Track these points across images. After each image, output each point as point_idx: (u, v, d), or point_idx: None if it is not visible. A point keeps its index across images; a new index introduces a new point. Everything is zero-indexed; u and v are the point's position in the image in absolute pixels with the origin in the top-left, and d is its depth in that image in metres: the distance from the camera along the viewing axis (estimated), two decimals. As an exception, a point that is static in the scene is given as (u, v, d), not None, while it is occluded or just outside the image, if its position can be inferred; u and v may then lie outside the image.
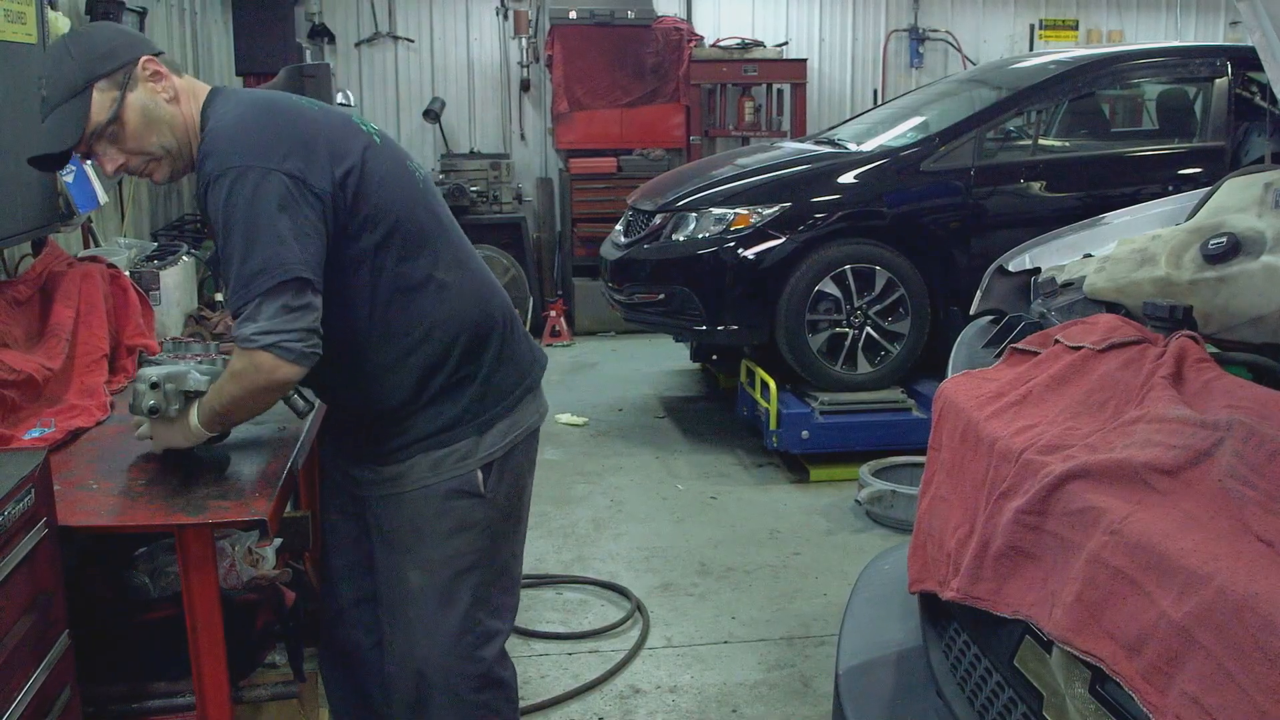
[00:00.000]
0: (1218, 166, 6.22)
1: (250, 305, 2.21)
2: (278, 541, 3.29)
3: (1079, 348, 2.16)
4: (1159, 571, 1.51)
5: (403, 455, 2.52)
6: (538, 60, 10.44)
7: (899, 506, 5.32)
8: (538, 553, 5.09)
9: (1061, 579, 1.70)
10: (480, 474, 2.54)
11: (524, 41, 10.38)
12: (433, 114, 10.09)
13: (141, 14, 5.36)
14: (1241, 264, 2.33)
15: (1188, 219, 2.66)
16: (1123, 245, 2.59)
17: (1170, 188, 5.90)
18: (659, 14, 10.35)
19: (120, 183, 5.08)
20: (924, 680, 2.23)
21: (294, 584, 3.29)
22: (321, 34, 9.91)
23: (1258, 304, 2.28)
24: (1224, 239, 2.37)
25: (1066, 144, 7.13)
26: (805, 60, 10.80)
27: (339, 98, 7.46)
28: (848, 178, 6.38)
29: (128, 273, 3.57)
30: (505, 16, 10.38)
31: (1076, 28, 11.95)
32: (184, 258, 3.97)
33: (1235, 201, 2.52)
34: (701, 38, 10.48)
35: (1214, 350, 2.17)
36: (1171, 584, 1.49)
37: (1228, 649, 1.37)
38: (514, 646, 4.22)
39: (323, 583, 2.92)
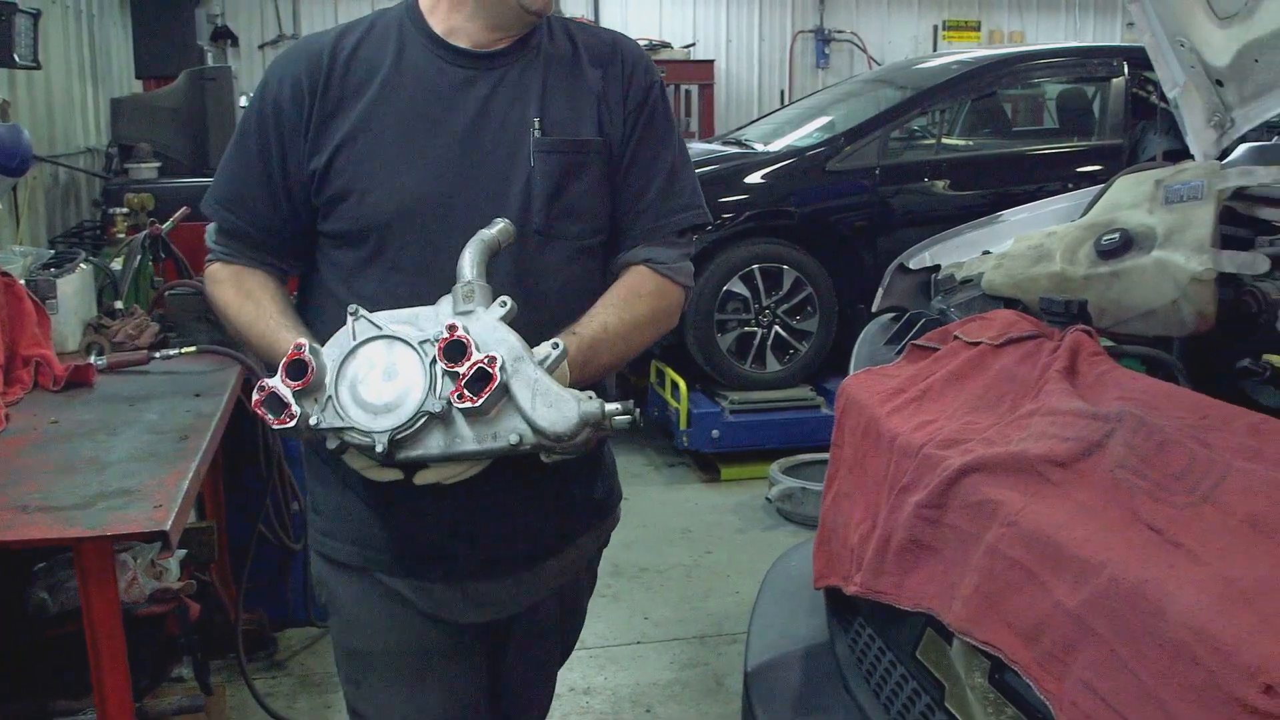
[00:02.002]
0: (1116, 164, 6.34)
1: (687, 238, 2.03)
2: (181, 553, 3.25)
3: (977, 343, 2.19)
4: (1054, 562, 1.54)
5: (584, 524, 2.09)
6: (445, 62, 10.37)
7: (809, 503, 5.37)
8: (450, 558, 5.05)
9: (961, 571, 1.72)
10: None
11: (431, 43, 10.32)
12: (339, 117, 9.99)
13: (35, 15, 5.23)
14: (1134, 259, 2.38)
15: (1082, 215, 2.72)
16: (1020, 242, 2.63)
17: (1070, 185, 6.00)
18: (566, 15, 10.34)
19: (15, 189, 4.97)
20: (831, 675, 2.24)
21: (199, 596, 3.25)
22: (224, 36, 9.77)
23: (1150, 298, 2.33)
24: (1116, 235, 2.42)
25: (970, 143, 7.26)
26: (713, 61, 10.88)
27: (242, 101, 7.35)
28: (755, 178, 6.42)
29: (22, 281, 3.48)
30: (411, 18, 10.31)
31: (979, 28, 12.16)
32: (82, 265, 3.87)
33: (1127, 198, 2.57)
34: (609, 39, 10.48)
35: (1108, 344, 2.21)
36: (1066, 574, 1.51)
37: (1120, 635, 1.40)
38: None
39: None
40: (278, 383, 1.61)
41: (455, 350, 1.59)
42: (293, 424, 1.61)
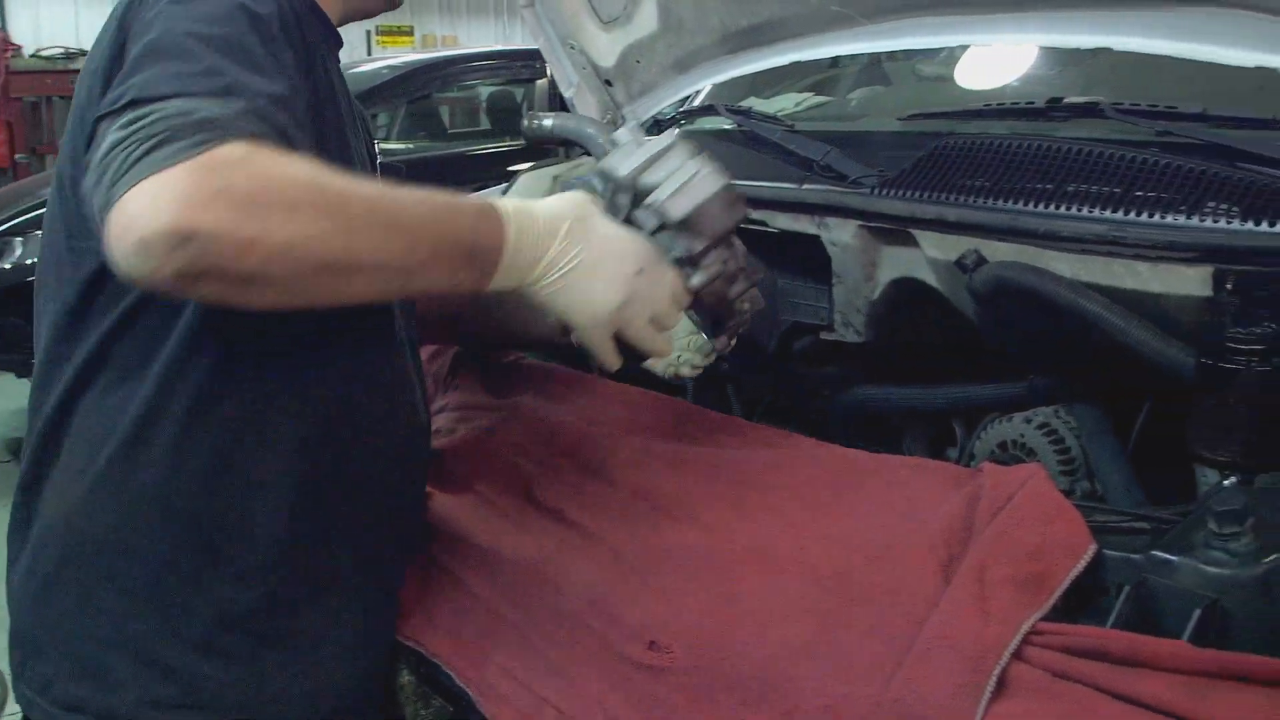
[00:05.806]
0: (547, 162, 6.64)
1: None
2: None
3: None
4: (465, 555, 1.58)
5: None
6: None
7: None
8: None
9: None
10: None
11: None
12: None
13: None
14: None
15: (491, 213, 2.81)
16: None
17: (505, 183, 6.21)
18: None
19: None
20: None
21: None
22: None
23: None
24: (520, 230, 2.52)
25: (409, 145, 7.33)
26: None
27: None
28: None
29: None
30: None
31: (412, 33, 12.32)
32: None
33: (529, 194, 2.69)
34: (19, 47, 9.76)
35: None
36: (479, 566, 1.56)
37: (526, 617, 1.46)
38: None
39: None
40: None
41: None
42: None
